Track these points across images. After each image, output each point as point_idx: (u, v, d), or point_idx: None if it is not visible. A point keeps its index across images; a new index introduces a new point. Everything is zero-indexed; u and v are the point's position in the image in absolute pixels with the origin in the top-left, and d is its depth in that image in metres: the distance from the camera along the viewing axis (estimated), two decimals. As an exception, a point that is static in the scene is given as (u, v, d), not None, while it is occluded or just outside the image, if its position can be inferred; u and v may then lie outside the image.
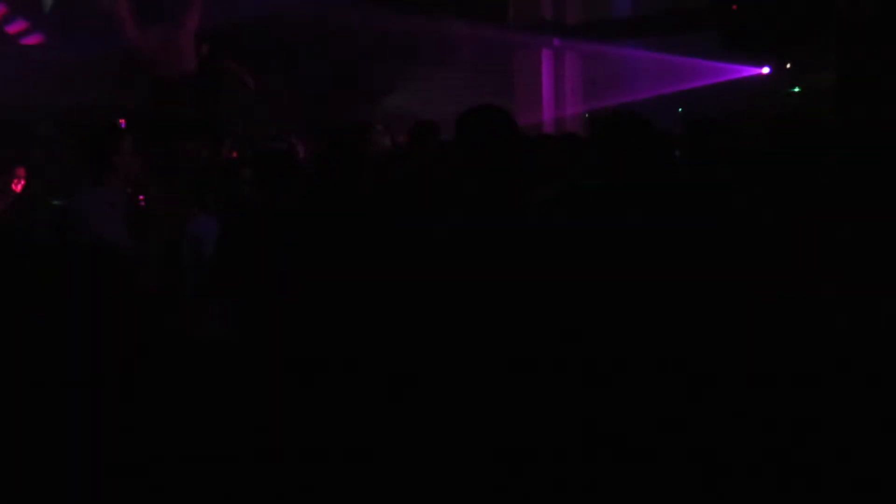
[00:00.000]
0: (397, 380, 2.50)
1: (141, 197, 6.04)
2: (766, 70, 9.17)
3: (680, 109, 8.91)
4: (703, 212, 2.83)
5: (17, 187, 7.21)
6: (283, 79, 10.04)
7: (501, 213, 2.60)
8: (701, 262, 2.61)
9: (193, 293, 3.89)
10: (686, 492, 2.36)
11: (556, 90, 11.55)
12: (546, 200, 2.92)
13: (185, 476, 2.23)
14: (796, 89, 8.88)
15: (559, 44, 11.41)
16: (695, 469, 2.37)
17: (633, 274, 2.56)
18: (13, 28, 9.06)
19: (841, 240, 2.65)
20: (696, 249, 2.63)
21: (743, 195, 3.01)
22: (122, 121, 7.33)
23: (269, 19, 9.26)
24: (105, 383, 2.24)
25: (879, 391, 2.42)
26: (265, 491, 2.37)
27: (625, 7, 11.59)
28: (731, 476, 2.36)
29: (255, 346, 2.86)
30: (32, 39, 9.07)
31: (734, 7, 8.57)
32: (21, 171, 7.28)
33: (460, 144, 2.67)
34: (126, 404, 2.25)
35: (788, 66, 8.96)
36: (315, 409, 2.57)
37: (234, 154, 6.97)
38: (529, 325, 2.46)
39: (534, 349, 2.43)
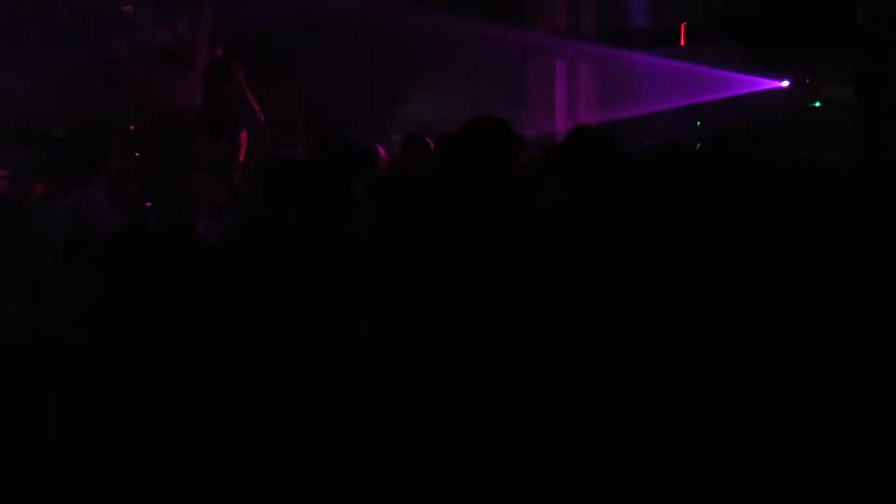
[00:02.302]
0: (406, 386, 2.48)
1: (147, 204, 6.02)
2: (785, 84, 9.05)
3: (699, 123, 8.82)
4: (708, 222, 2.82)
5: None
6: (295, 87, 10.00)
7: (498, 221, 2.58)
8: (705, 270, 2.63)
9: None
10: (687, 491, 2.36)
11: (570, 100, 11.48)
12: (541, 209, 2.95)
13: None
14: (817, 104, 8.78)
15: (573, 53, 11.34)
16: (696, 469, 2.38)
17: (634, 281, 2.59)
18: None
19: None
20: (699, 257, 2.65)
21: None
22: (133, 127, 7.34)
23: (281, 26, 9.22)
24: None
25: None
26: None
27: (641, 17, 11.49)
28: (732, 476, 2.37)
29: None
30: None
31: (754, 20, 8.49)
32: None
33: (460, 152, 2.67)
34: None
35: (808, 80, 8.85)
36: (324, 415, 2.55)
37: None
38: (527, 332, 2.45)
39: (533, 355, 2.43)
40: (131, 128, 7.25)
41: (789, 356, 2.51)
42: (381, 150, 6.17)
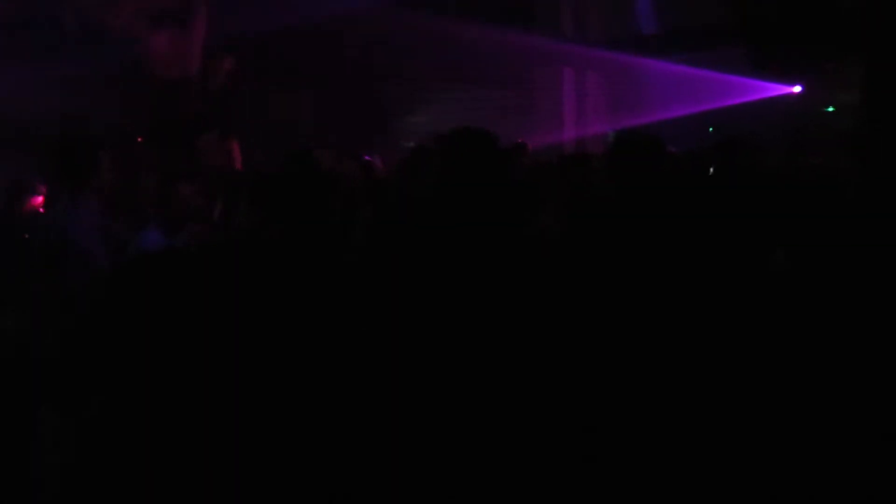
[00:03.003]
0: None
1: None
2: (797, 89, 8.97)
3: (711, 129, 8.74)
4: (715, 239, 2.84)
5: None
6: (302, 96, 9.98)
7: (495, 241, 2.55)
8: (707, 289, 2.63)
9: None
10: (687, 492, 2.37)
11: (578, 107, 11.40)
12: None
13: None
14: (830, 108, 8.69)
15: (581, 60, 11.26)
16: (695, 470, 2.39)
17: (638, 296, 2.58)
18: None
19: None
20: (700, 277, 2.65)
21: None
22: (140, 138, 7.29)
23: (288, 35, 9.20)
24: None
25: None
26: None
27: (649, 23, 11.40)
28: (731, 476, 2.38)
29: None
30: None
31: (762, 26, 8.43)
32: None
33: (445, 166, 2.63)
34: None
35: (820, 84, 8.78)
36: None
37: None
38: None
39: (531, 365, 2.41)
40: (139, 139, 7.22)
41: (796, 360, 2.50)
42: (378, 161, 6.12)
